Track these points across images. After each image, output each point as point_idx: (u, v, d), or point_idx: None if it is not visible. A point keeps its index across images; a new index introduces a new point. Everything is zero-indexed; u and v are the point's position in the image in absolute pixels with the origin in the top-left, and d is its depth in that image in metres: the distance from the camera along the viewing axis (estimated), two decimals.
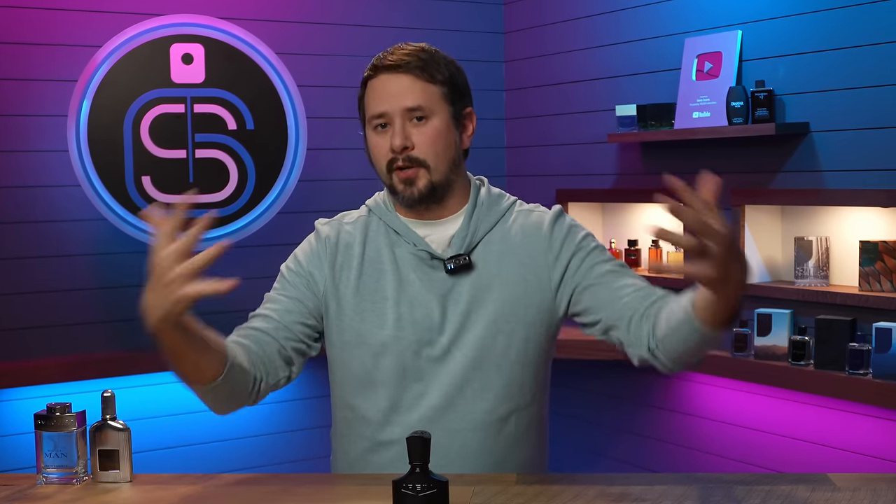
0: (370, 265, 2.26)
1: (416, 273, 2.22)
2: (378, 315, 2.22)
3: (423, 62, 2.19)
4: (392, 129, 2.18)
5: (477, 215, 2.25)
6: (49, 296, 4.35)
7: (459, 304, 2.21)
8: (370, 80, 2.24)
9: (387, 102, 2.18)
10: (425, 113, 2.17)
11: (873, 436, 3.81)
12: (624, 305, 2.20)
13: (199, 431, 4.64)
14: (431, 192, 2.20)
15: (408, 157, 2.17)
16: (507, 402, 2.24)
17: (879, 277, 3.71)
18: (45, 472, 2.18)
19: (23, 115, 4.26)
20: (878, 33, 3.68)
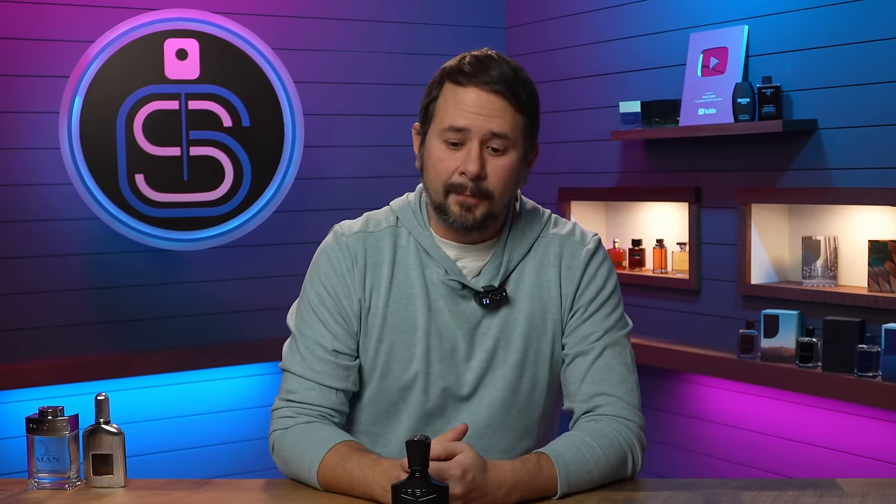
0: (399, 289, 2.15)
1: (445, 301, 2.14)
2: (407, 347, 2.15)
3: (518, 87, 2.05)
4: (467, 151, 2.04)
5: (511, 243, 2.17)
6: (41, 296, 4.35)
7: (487, 340, 2.15)
8: (456, 86, 2.06)
9: (472, 119, 2.03)
10: (507, 144, 2.05)
11: (883, 439, 3.81)
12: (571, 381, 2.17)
13: (194, 435, 4.65)
14: (485, 223, 2.09)
15: (477, 188, 2.04)
16: (527, 440, 2.21)
17: (889, 278, 3.71)
18: (36, 477, 2.18)
19: (13, 111, 4.26)
20: (887, 29, 3.68)
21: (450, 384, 2.16)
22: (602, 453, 2.04)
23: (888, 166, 3.71)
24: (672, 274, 4.54)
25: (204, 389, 4.67)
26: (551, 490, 1.95)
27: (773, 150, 4.08)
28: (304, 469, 2.04)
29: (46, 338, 4.36)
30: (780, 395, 4.12)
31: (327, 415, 2.14)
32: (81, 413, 2.24)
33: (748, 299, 4.18)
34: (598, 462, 2.03)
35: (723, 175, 4.27)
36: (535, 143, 2.16)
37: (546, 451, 1.99)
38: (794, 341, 3.90)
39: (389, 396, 2.18)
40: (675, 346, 4.37)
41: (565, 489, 1.96)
